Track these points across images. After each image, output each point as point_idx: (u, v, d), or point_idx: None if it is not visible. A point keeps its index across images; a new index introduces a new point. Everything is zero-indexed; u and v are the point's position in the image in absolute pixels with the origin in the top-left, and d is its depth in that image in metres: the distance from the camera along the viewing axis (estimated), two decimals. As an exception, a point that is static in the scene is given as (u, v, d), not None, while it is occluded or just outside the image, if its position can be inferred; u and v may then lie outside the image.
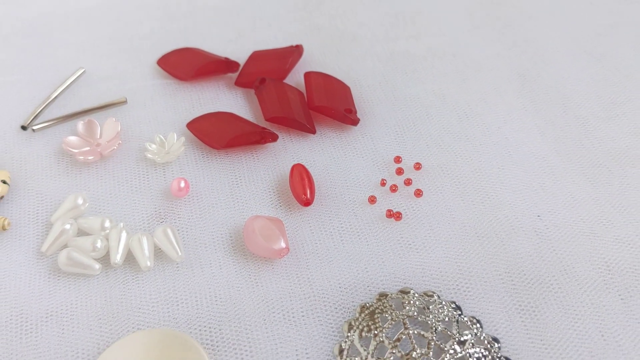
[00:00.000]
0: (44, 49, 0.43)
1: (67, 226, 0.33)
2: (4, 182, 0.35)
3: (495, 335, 0.30)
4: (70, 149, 0.36)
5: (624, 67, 0.43)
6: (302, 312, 0.31)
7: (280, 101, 0.38)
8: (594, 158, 0.37)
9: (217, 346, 0.29)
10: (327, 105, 0.38)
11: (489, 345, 0.29)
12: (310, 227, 0.34)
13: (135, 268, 0.32)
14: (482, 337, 0.30)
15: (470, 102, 0.40)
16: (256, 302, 0.31)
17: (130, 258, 0.32)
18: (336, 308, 0.31)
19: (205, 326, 0.30)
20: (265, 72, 0.40)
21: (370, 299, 0.31)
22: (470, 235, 0.33)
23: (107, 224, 0.33)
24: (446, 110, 0.40)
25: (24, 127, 0.38)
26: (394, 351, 0.29)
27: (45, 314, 0.30)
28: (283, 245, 0.32)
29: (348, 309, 0.31)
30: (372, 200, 0.35)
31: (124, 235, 0.32)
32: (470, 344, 0.29)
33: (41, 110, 0.38)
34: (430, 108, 0.40)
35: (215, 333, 0.30)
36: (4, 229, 0.33)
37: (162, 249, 0.32)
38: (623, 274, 0.32)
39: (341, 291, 0.31)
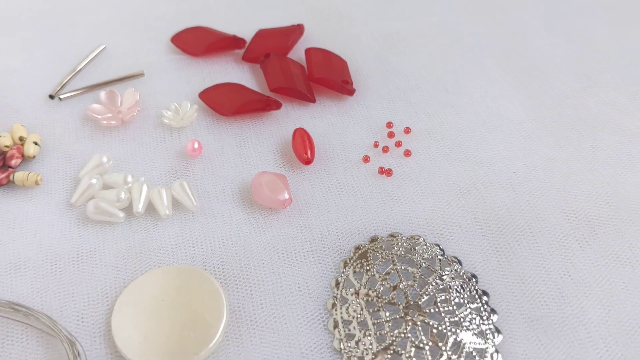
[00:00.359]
0: (68, 28, 0.47)
1: (94, 181, 0.37)
2: (36, 143, 0.39)
3: (473, 272, 0.34)
4: (95, 115, 0.40)
5: (597, 44, 0.47)
6: (303, 253, 0.35)
7: (283, 73, 0.42)
8: (567, 124, 0.41)
9: (228, 280, 0.33)
10: (326, 77, 0.42)
11: (467, 280, 0.33)
12: (311, 182, 0.38)
13: (155, 216, 0.36)
14: (461, 273, 0.34)
15: (455, 75, 0.44)
16: (262, 245, 0.35)
17: (150, 208, 0.36)
18: (333, 250, 0.35)
19: (217, 264, 0.34)
20: (269, 48, 0.44)
21: (364, 242, 0.35)
22: (453, 189, 0.37)
23: (130, 178, 0.37)
24: (433, 82, 0.44)
25: (51, 97, 0.42)
26: (383, 283, 0.33)
27: (76, 255, 0.34)
28: (286, 196, 0.36)
29: (343, 250, 0.35)
30: (365, 159, 0.39)
31: (144, 188, 0.36)
32: (451, 278, 0.33)
33: (67, 81, 0.42)
34: (419, 80, 0.44)
35: (227, 270, 0.34)
36: (37, 183, 0.37)
37: (179, 200, 0.36)
38: (587, 223, 0.36)
39: (337, 236, 0.35)
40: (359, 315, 0.32)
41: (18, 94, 0.42)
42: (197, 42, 0.45)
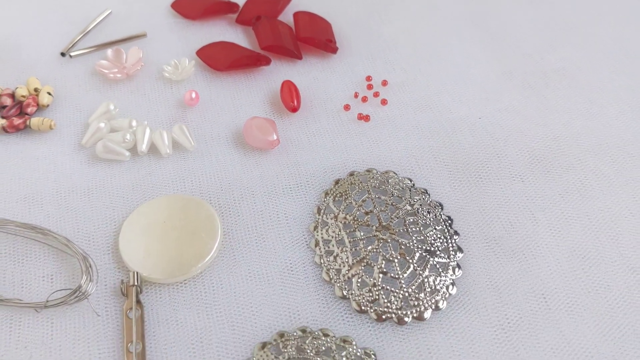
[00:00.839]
0: (76, -4, 0.52)
1: (102, 125, 0.41)
2: (49, 93, 0.43)
3: (440, 202, 0.38)
4: (102, 70, 0.44)
5: (561, 10, 0.51)
6: (289, 186, 0.39)
7: (273, 33, 0.46)
8: (528, 77, 0.45)
9: (222, 209, 0.38)
10: (312, 36, 0.46)
11: (434, 207, 0.38)
12: (297, 127, 0.42)
13: (157, 155, 0.40)
14: (429, 202, 0.38)
15: (430, 37, 0.48)
16: (253, 180, 0.39)
17: (152, 148, 0.40)
18: (316, 183, 0.39)
19: (213, 195, 0.38)
20: (261, 11, 0.48)
21: (343, 176, 0.39)
22: (423, 132, 0.42)
23: (134, 123, 0.41)
24: (409, 43, 0.48)
25: (63, 54, 0.46)
26: (359, 209, 0.37)
27: (87, 188, 0.38)
28: (275, 137, 0.40)
29: (325, 183, 0.39)
30: (346, 107, 0.43)
31: (147, 130, 0.40)
32: (419, 205, 0.37)
33: (76, 41, 0.46)
34: (397, 41, 0.48)
35: (221, 200, 0.38)
36: (51, 128, 0.41)
37: (178, 140, 0.40)
38: (542, 160, 0.40)
39: (320, 172, 0.40)
40: (337, 235, 0.36)
41: (33, 52, 0.46)
42: (194, 7, 0.49)
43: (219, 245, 0.35)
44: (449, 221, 0.37)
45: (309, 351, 0.32)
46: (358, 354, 0.32)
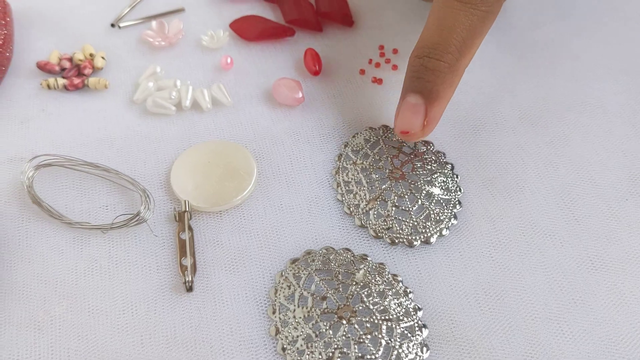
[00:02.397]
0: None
1: (150, 84, 0.47)
2: (103, 58, 0.49)
3: (443, 151, 0.44)
4: (148, 38, 0.50)
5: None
6: (313, 137, 0.45)
7: (296, 8, 0.52)
8: (522, 48, 0.51)
9: (255, 153, 0.44)
10: (330, 11, 0.52)
11: (437, 154, 0.44)
12: (318, 88, 0.48)
13: (199, 110, 0.46)
14: (433, 151, 0.44)
15: (435, 13, 0.55)
16: (282, 131, 0.45)
17: (195, 105, 0.47)
18: (337, 135, 0.45)
19: (248, 142, 0.44)
20: (285, -10, 0.55)
21: (360, 130, 0.45)
22: (430, 93, 0.48)
23: (178, 83, 0.47)
24: (419, 18, 0.54)
25: (112, 25, 0.52)
26: (375, 157, 0.43)
27: (139, 137, 0.45)
28: (300, 95, 0.46)
29: (345, 135, 0.45)
30: (362, 72, 0.49)
31: (190, 89, 0.47)
32: (425, 151, 0.44)
33: (125, 13, 0.53)
34: (409, 16, 0.54)
35: (254, 146, 0.44)
36: (105, 87, 0.47)
37: (217, 97, 0.47)
38: (532, 115, 0.46)
39: (341, 126, 0.46)
40: (355, 177, 0.42)
41: (87, 23, 0.53)
42: (226, -14, 0.55)
43: (255, 181, 0.42)
44: (451, 166, 0.43)
45: (332, 264, 0.38)
46: (373, 266, 0.38)
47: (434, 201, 0.41)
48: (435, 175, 0.42)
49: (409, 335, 0.35)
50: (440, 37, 0.39)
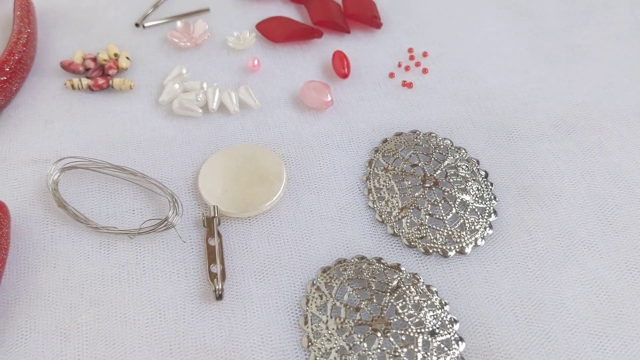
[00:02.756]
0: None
1: (176, 86, 0.46)
2: (127, 58, 0.48)
3: (477, 158, 0.43)
4: (174, 39, 0.49)
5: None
6: (342, 141, 0.44)
7: (324, 9, 0.51)
8: (555, 52, 0.50)
9: (285, 157, 0.43)
10: (358, 12, 0.51)
11: (471, 162, 0.43)
12: (347, 92, 0.47)
13: (226, 112, 0.45)
14: (466, 157, 0.43)
15: (463, 14, 0.53)
16: (311, 135, 0.44)
17: (221, 107, 0.46)
18: (366, 140, 0.44)
19: (276, 146, 0.43)
20: (311, -9, 0.54)
21: (390, 135, 0.44)
22: (461, 98, 0.47)
23: (205, 85, 0.46)
24: (444, 20, 0.53)
25: (137, 25, 0.51)
26: (405, 163, 0.42)
27: (165, 139, 0.44)
28: (329, 98, 0.45)
29: (374, 141, 0.44)
30: (391, 75, 0.48)
31: (217, 91, 0.46)
32: (459, 160, 0.42)
33: (149, 13, 0.52)
34: (433, 18, 0.53)
35: (283, 150, 0.43)
36: (131, 88, 0.47)
37: (244, 100, 0.46)
38: (565, 122, 0.45)
39: (369, 130, 0.45)
40: (387, 184, 0.41)
41: (111, 23, 0.52)
42: (252, -14, 0.54)
43: (284, 187, 0.41)
44: (485, 173, 0.42)
45: (365, 273, 0.37)
46: (407, 277, 0.37)
47: (469, 210, 0.40)
48: (469, 183, 0.41)
49: (446, 349, 0.34)
50: None
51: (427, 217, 0.40)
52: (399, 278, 0.37)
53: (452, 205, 0.40)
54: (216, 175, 0.41)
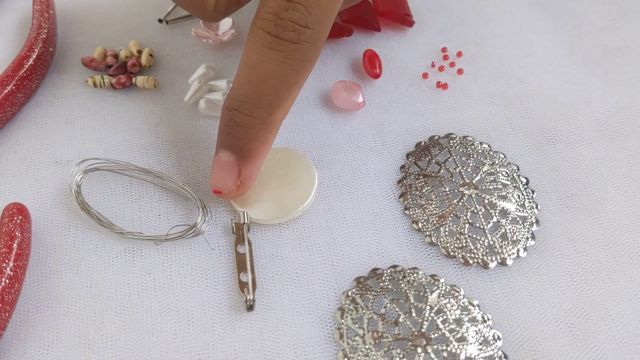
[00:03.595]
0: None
1: (202, 85, 0.44)
2: (151, 55, 0.47)
3: (516, 164, 0.41)
4: (199, 36, 0.48)
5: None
6: (375, 144, 0.42)
7: (353, 6, 0.49)
8: (593, 53, 0.48)
9: (315, 161, 0.41)
10: (389, 10, 0.49)
11: (511, 168, 0.41)
12: (379, 93, 0.45)
13: (254, 113, 0.44)
14: (506, 163, 0.41)
15: (499, 14, 0.51)
16: (342, 137, 0.42)
17: (249, 107, 0.44)
18: (399, 144, 0.42)
19: (306, 148, 0.42)
20: (340, -13, 0.52)
21: (425, 139, 0.43)
22: (498, 100, 0.45)
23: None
24: (480, 19, 0.51)
25: (160, 20, 0.50)
26: (442, 168, 0.40)
27: (192, 140, 0.42)
28: (361, 99, 0.43)
29: (408, 145, 0.42)
30: (425, 75, 0.46)
31: (244, 90, 0.44)
32: (498, 166, 0.41)
33: (172, 9, 0.50)
34: (468, 17, 0.51)
35: (314, 153, 0.41)
36: (155, 86, 0.45)
37: (273, 100, 0.44)
38: (608, 127, 0.43)
39: (404, 133, 0.43)
40: (424, 190, 0.40)
41: (133, 19, 0.50)
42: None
43: (315, 192, 0.39)
44: (526, 180, 0.40)
45: (402, 285, 0.35)
46: (447, 289, 0.35)
47: (510, 219, 0.38)
48: (510, 190, 0.39)
49: (490, 366, 0.33)
50: (249, 89, 0.34)
51: (467, 225, 0.38)
52: (438, 290, 0.35)
53: (493, 214, 0.38)
54: (245, 180, 0.39)
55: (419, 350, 0.33)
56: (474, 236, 0.37)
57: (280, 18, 0.32)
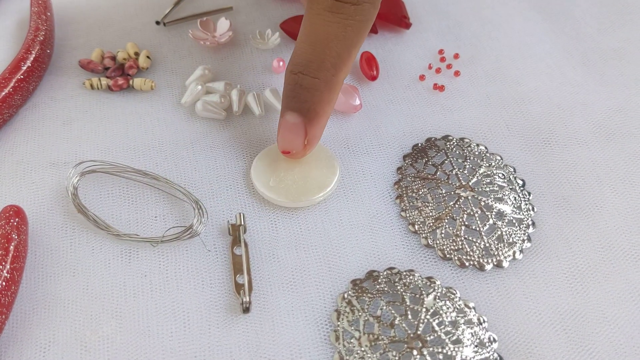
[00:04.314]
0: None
1: (199, 87, 0.44)
2: (148, 57, 0.47)
3: (513, 165, 0.41)
4: (196, 38, 0.48)
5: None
6: (372, 146, 0.42)
7: (351, 8, 0.49)
8: (590, 55, 0.48)
9: (313, 163, 0.41)
10: (386, 12, 0.49)
11: (508, 170, 0.41)
12: (375, 95, 0.45)
13: (250, 115, 0.44)
14: (503, 165, 0.41)
15: (495, 16, 0.51)
16: (339, 140, 0.42)
17: (245, 109, 0.44)
18: (396, 146, 0.42)
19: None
20: (337, -11, 0.52)
21: (421, 141, 0.43)
22: (495, 102, 0.45)
23: (228, 86, 0.45)
24: (476, 21, 0.51)
25: (157, 22, 0.50)
26: (438, 170, 0.41)
27: (188, 142, 0.42)
28: (358, 102, 0.44)
29: (404, 147, 0.42)
30: (422, 77, 0.46)
31: (241, 92, 0.44)
32: (495, 167, 0.41)
33: (170, 10, 0.50)
34: (464, 19, 0.51)
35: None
36: (152, 88, 0.45)
37: (270, 102, 0.44)
38: (604, 129, 0.43)
39: (400, 135, 0.43)
40: (420, 193, 0.40)
41: (130, 21, 0.50)
42: (275, -16, 0.52)
43: (337, 180, 0.40)
44: (522, 182, 0.40)
45: (398, 287, 0.35)
46: (442, 291, 0.35)
47: (506, 221, 0.38)
48: (507, 192, 0.40)
49: (485, 368, 0.33)
50: (313, 52, 0.36)
51: (463, 227, 0.38)
52: (434, 292, 0.35)
53: (489, 216, 0.38)
54: (268, 167, 0.40)
55: (415, 352, 0.33)
56: (470, 238, 0.37)
57: None
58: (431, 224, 0.38)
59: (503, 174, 0.41)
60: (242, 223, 0.37)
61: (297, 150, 0.38)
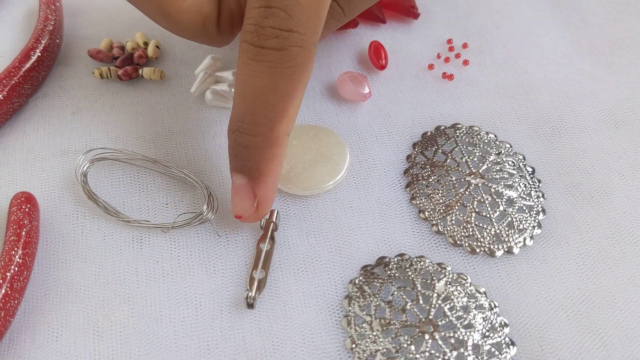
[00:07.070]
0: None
1: (208, 76, 0.44)
2: (157, 47, 0.47)
3: (522, 153, 0.41)
4: (204, 27, 0.48)
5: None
6: (381, 134, 0.42)
7: (359, -2, 0.49)
8: (598, 45, 0.48)
9: (323, 151, 0.41)
10: (395, 2, 0.49)
11: (517, 158, 0.41)
12: (384, 84, 0.45)
13: (260, 104, 0.44)
14: (512, 153, 0.41)
15: (503, 6, 0.51)
16: (348, 128, 0.43)
17: (255, 98, 0.44)
18: (405, 134, 0.42)
19: (313, 139, 0.42)
20: (345, -20, 0.52)
21: (431, 129, 0.43)
22: (504, 91, 0.45)
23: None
24: (484, 11, 0.51)
25: (166, 13, 0.50)
26: (448, 158, 0.41)
27: (198, 130, 0.42)
28: (367, 90, 0.44)
29: (414, 135, 0.42)
30: (430, 67, 0.46)
31: (251, 81, 0.44)
32: (504, 155, 0.41)
33: (178, 1, 0.50)
34: (473, 9, 0.51)
35: (321, 143, 0.42)
36: (161, 77, 0.45)
37: (279, 91, 0.44)
38: (613, 117, 0.43)
39: (410, 124, 0.43)
40: (430, 180, 0.40)
41: (139, 11, 0.50)
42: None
43: (347, 167, 0.40)
44: (532, 169, 0.40)
45: (409, 273, 0.35)
46: (454, 277, 0.35)
47: (517, 207, 0.38)
48: (516, 179, 0.40)
49: (497, 352, 0.33)
50: (245, 107, 0.32)
51: (474, 214, 0.38)
52: (445, 278, 0.35)
53: (499, 203, 0.38)
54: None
55: (427, 337, 0.33)
56: (481, 225, 0.37)
57: (261, 27, 0.30)
58: (441, 211, 0.38)
59: (513, 162, 0.41)
60: (275, 220, 0.37)
61: (248, 214, 0.35)
